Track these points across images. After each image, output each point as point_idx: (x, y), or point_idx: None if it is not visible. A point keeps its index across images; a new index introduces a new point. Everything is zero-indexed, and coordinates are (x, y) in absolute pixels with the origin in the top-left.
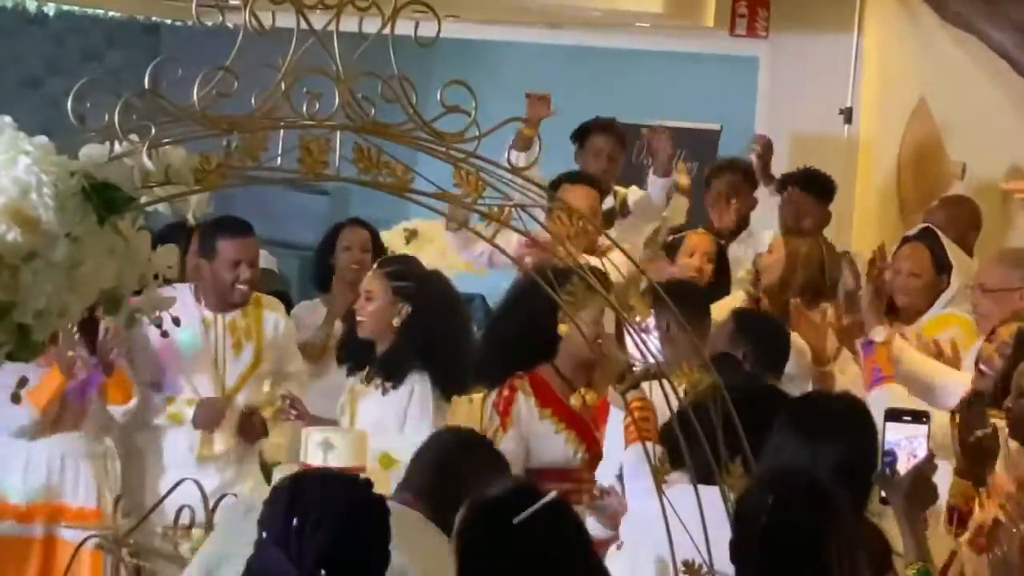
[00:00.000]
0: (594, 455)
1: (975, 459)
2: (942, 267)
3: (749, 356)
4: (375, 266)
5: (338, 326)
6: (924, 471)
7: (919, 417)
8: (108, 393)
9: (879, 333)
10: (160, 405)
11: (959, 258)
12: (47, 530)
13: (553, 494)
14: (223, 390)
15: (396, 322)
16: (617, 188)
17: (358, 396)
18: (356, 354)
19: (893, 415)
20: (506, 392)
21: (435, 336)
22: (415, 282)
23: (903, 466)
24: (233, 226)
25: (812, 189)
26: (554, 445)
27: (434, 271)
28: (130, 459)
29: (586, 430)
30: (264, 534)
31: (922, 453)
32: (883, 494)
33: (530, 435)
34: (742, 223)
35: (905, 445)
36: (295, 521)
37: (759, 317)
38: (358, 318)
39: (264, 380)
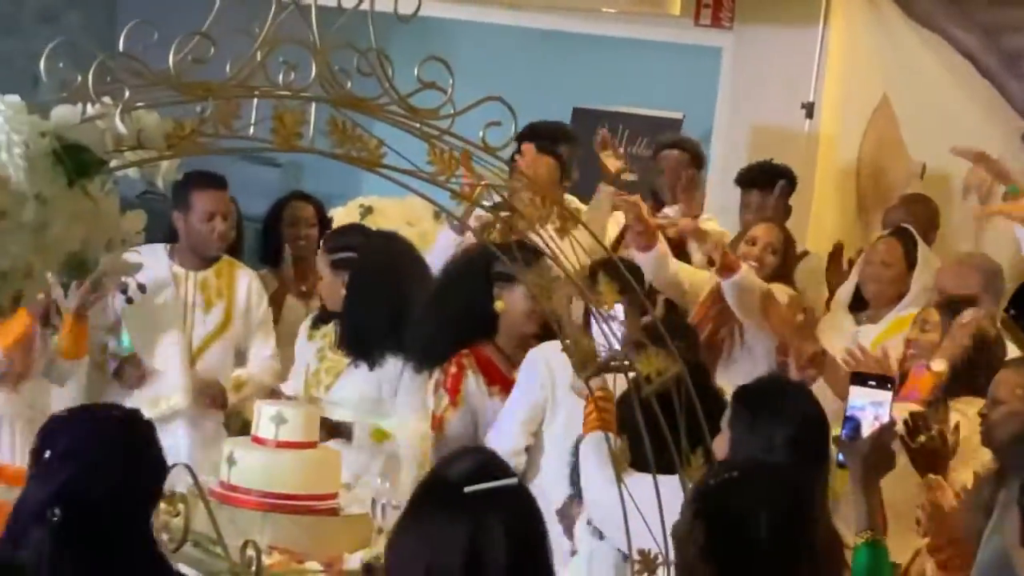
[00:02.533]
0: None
1: (925, 464)
2: (913, 264)
3: None
4: (321, 242)
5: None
6: (884, 437)
7: (884, 383)
8: (62, 346)
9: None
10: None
11: (924, 259)
12: None
13: (514, 480)
14: (189, 349)
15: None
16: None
17: (337, 368)
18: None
19: (858, 379)
20: (453, 370)
21: (380, 303)
22: (354, 250)
23: (866, 431)
24: (207, 179)
25: (774, 187)
26: None
27: (379, 235)
28: None
29: None
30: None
31: (885, 419)
32: (840, 458)
33: (479, 414)
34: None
35: (870, 410)
36: (46, 453)
37: None
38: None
39: (232, 349)
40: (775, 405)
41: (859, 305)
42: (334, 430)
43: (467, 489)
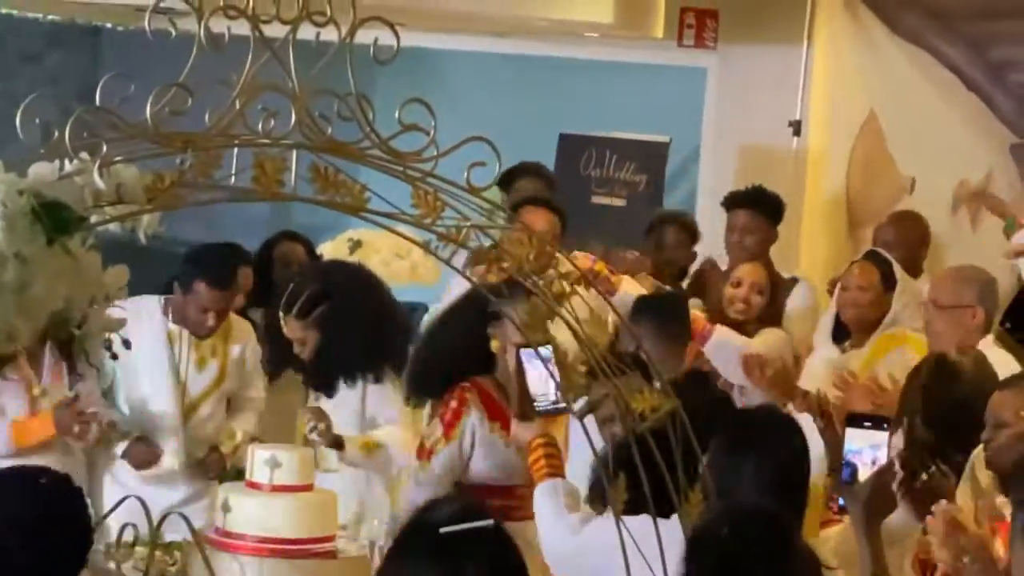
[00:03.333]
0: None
1: (925, 504)
2: (890, 285)
3: None
4: (282, 314)
5: None
6: (884, 479)
7: (879, 423)
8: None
9: None
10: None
11: (903, 278)
12: None
13: (490, 522)
14: (183, 403)
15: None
16: None
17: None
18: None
19: (853, 420)
20: (454, 404)
21: (361, 334)
22: (321, 300)
23: (864, 474)
24: (216, 276)
25: (762, 210)
26: (503, 458)
27: (332, 271)
28: (91, 474)
29: None
30: None
31: (883, 460)
32: (841, 502)
33: (479, 448)
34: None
35: (867, 453)
36: None
37: None
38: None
39: (225, 400)
40: (757, 436)
41: (840, 335)
42: None
43: (443, 530)
